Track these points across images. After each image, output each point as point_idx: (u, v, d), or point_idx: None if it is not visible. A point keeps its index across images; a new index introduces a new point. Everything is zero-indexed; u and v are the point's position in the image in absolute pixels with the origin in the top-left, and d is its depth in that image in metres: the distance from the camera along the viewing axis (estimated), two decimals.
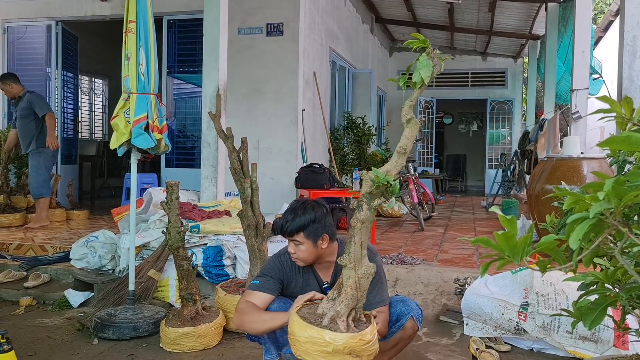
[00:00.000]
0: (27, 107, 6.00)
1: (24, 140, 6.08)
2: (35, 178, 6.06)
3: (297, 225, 2.32)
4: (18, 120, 6.06)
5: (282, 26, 6.87)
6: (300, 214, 2.33)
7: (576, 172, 4.59)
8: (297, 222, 2.32)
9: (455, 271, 4.13)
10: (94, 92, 11.23)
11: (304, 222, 2.32)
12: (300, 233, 2.32)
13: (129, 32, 3.47)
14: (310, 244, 2.34)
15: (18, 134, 6.12)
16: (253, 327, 2.31)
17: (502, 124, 13.62)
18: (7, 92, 6.14)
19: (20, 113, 6.03)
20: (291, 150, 6.91)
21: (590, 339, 2.99)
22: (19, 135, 6.10)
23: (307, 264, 2.40)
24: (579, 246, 1.00)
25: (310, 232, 2.33)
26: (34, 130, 6.06)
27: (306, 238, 2.33)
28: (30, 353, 3.11)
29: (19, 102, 6.03)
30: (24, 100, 6.02)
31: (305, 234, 2.32)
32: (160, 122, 3.59)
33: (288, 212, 2.37)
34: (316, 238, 2.35)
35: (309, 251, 2.36)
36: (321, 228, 2.35)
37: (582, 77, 6.06)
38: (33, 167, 6.08)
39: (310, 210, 2.35)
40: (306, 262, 2.39)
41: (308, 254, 2.37)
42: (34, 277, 4.37)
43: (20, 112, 6.03)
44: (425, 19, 11.69)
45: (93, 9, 7.57)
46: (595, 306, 1.28)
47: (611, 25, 11.52)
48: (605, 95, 1.18)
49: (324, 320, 2.00)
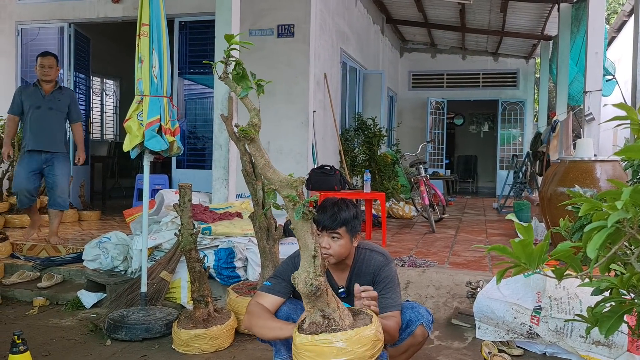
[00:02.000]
0: (67, 102, 5.29)
1: (50, 137, 5.17)
2: (66, 185, 5.34)
3: (343, 218, 2.35)
4: (48, 112, 5.17)
5: (293, 27, 6.88)
6: (345, 209, 2.38)
7: (589, 175, 4.56)
8: (342, 215, 2.35)
9: (467, 274, 4.12)
10: (106, 93, 11.30)
11: (348, 216, 2.36)
12: (343, 227, 2.35)
13: (142, 35, 3.49)
14: (348, 239, 2.39)
15: (39, 125, 5.14)
16: (261, 332, 2.33)
17: (513, 125, 13.54)
18: (45, 73, 5.19)
19: (57, 105, 5.22)
20: (302, 151, 6.91)
21: (604, 344, 2.97)
22: (43, 127, 5.15)
23: (337, 261, 2.41)
24: (596, 255, 0.99)
25: (351, 228, 2.38)
26: (65, 130, 5.39)
27: (347, 232, 2.37)
28: (44, 353, 3.14)
29: (54, 92, 5.23)
30: (64, 92, 5.34)
31: (347, 228, 2.37)
32: (173, 124, 3.61)
33: (329, 207, 2.39)
34: (354, 234, 2.41)
35: (345, 247, 2.39)
36: (358, 225, 2.42)
37: (595, 79, 6.00)
38: (64, 173, 5.28)
39: (352, 207, 2.42)
40: (339, 259, 2.41)
41: (344, 250, 2.39)
42: (48, 277, 4.41)
43: (57, 104, 5.22)
44: (436, 20, 11.65)
45: (105, 10, 7.63)
46: (611, 314, 1.27)
47: (625, 25, 11.42)
48: (621, 102, 1.17)
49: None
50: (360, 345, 1.96)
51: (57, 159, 5.20)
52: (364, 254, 2.47)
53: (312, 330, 1.99)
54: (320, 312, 2.00)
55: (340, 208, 2.37)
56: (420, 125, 13.84)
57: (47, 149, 5.15)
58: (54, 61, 5.23)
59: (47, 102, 5.19)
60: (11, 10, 7.98)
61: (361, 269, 2.45)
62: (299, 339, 2.00)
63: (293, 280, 1.98)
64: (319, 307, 1.99)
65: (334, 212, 2.36)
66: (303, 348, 1.98)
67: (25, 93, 5.26)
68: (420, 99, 13.97)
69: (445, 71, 14.09)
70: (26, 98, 5.21)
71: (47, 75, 5.19)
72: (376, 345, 2.02)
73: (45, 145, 5.14)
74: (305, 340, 1.97)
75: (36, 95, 5.20)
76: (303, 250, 1.97)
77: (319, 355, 1.95)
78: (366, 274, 2.43)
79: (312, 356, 1.95)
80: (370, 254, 2.47)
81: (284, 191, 1.96)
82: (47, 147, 5.15)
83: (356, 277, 2.43)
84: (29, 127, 5.15)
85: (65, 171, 5.30)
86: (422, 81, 14.30)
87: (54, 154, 5.19)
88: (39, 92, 5.20)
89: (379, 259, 2.44)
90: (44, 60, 5.20)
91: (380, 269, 2.41)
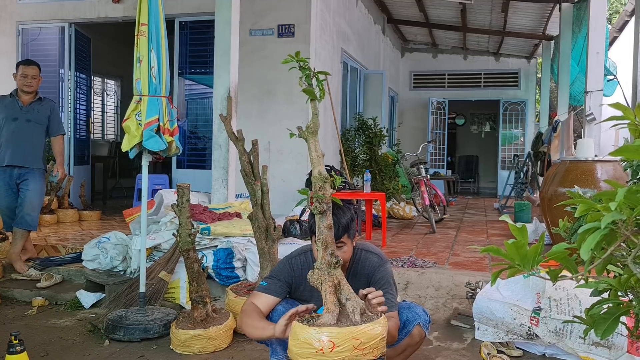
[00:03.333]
0: (47, 115, 4.83)
1: (27, 151, 4.70)
2: (39, 204, 4.82)
3: (344, 225, 2.31)
4: (26, 124, 4.71)
5: (293, 27, 6.87)
6: (342, 215, 2.32)
7: (590, 175, 4.54)
8: (343, 222, 2.31)
9: (466, 275, 4.10)
10: (107, 93, 11.31)
11: (347, 221, 2.33)
12: (345, 234, 2.33)
13: (140, 35, 3.48)
14: (350, 242, 2.38)
15: (15, 139, 4.67)
16: (248, 331, 2.33)
17: (515, 125, 13.52)
18: (28, 84, 4.72)
19: (35, 117, 4.76)
20: (302, 152, 6.90)
21: (604, 345, 2.95)
22: (21, 141, 4.69)
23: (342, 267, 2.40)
24: (590, 256, 0.98)
25: (351, 232, 2.36)
26: (44, 145, 4.89)
27: (349, 237, 2.36)
28: (43, 354, 3.14)
29: (33, 103, 4.77)
30: (44, 104, 4.84)
31: (348, 234, 2.35)
32: (172, 124, 3.60)
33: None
34: (353, 236, 2.39)
35: (350, 250, 2.39)
36: (354, 225, 2.40)
37: (597, 78, 5.99)
38: (38, 190, 4.76)
39: (347, 210, 2.38)
40: (345, 263, 2.38)
41: (348, 255, 2.39)
42: (47, 277, 4.41)
43: (36, 116, 4.76)
44: (437, 20, 11.63)
45: (106, 10, 7.63)
46: (607, 315, 1.26)
47: (626, 25, 11.39)
48: (618, 102, 1.16)
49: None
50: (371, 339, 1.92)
51: (31, 174, 4.71)
52: (359, 254, 2.46)
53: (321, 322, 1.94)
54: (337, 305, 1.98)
55: (338, 215, 2.30)
56: (421, 125, 13.82)
57: (22, 164, 4.68)
58: (37, 71, 4.78)
59: (24, 114, 4.72)
60: (12, 10, 7.99)
61: (357, 270, 2.44)
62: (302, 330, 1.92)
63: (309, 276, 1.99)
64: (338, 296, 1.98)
65: (335, 220, 2.26)
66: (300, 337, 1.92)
67: (1, 104, 4.75)
68: (421, 99, 13.96)
69: (447, 71, 14.07)
70: (2, 109, 4.73)
71: (29, 86, 4.72)
72: (385, 340, 1.99)
73: (21, 160, 4.67)
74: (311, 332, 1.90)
75: (13, 107, 4.72)
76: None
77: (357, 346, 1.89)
78: (362, 275, 2.42)
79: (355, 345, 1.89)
80: (366, 255, 2.46)
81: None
82: (23, 162, 4.68)
83: (352, 278, 2.42)
84: (4, 141, 4.67)
85: (39, 187, 4.76)
86: (424, 81, 14.28)
87: (29, 170, 4.71)
88: (16, 103, 4.73)
89: (374, 260, 2.43)
90: (28, 69, 4.73)
91: (376, 269, 2.40)
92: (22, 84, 4.71)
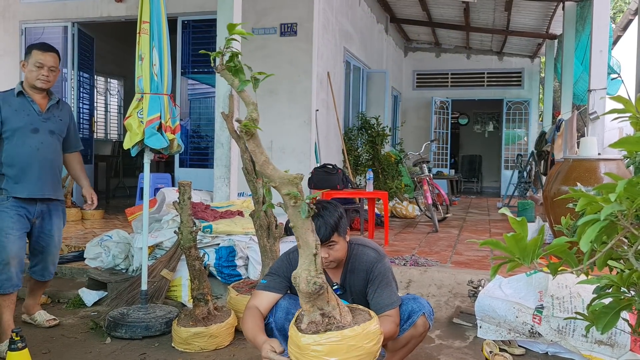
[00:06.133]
0: (67, 123, 3.51)
1: (56, 176, 3.43)
2: (59, 247, 3.60)
3: (333, 224, 2.30)
4: (50, 138, 3.35)
5: (295, 26, 6.87)
6: (329, 214, 2.31)
7: (593, 174, 4.52)
8: (331, 222, 2.30)
9: (469, 273, 4.09)
10: (110, 92, 11.34)
11: (336, 220, 2.32)
12: (335, 233, 2.31)
13: (142, 32, 3.48)
14: (342, 240, 2.36)
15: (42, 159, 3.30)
16: (245, 333, 2.35)
17: (518, 124, 13.49)
18: (43, 78, 3.29)
19: (58, 128, 3.41)
20: (305, 150, 6.90)
21: (607, 343, 2.94)
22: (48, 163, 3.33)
23: (337, 263, 2.39)
24: (590, 249, 0.97)
25: (341, 229, 2.35)
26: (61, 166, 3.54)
27: (340, 235, 2.34)
28: (44, 351, 3.14)
29: (53, 107, 3.40)
30: (63, 109, 3.50)
31: (338, 232, 2.33)
32: (173, 122, 3.60)
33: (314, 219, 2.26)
34: (344, 233, 2.37)
35: (343, 248, 2.37)
36: (345, 222, 2.38)
37: (600, 77, 5.97)
38: (61, 229, 3.53)
39: (334, 208, 2.36)
40: (340, 261, 2.38)
41: (343, 252, 2.38)
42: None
43: (59, 125, 3.42)
44: (440, 19, 11.62)
45: (109, 10, 7.64)
46: (608, 310, 1.25)
47: (630, 24, 11.34)
48: (619, 95, 1.15)
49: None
50: (368, 340, 1.96)
51: (55, 208, 3.45)
52: (356, 249, 2.45)
53: (314, 330, 1.95)
54: (319, 311, 1.97)
55: (325, 215, 2.29)
56: (424, 124, 13.80)
57: (51, 196, 3.37)
58: (58, 60, 3.36)
59: (45, 123, 3.32)
60: (15, 10, 8.01)
61: (354, 266, 2.42)
62: (303, 339, 1.93)
63: (293, 279, 1.94)
64: (318, 305, 1.96)
65: (322, 222, 2.28)
66: (309, 348, 1.93)
67: (6, 104, 3.25)
68: (424, 98, 13.94)
69: (450, 70, 14.05)
70: (11, 113, 3.24)
71: (45, 81, 3.30)
72: (380, 339, 2.03)
73: (50, 190, 3.36)
74: (311, 340, 1.93)
75: (28, 112, 3.28)
76: (304, 248, 1.93)
77: (328, 354, 1.91)
78: (360, 271, 2.41)
79: (320, 355, 1.92)
80: (363, 250, 2.44)
81: (284, 188, 1.92)
82: (52, 193, 3.38)
83: (350, 274, 2.41)
84: (19, 161, 3.23)
85: (62, 226, 3.54)
86: (427, 80, 14.27)
87: (54, 203, 3.44)
88: (31, 107, 3.29)
89: (371, 255, 2.42)
90: (46, 57, 3.29)
91: (374, 265, 2.38)
92: (35, 77, 3.27)
